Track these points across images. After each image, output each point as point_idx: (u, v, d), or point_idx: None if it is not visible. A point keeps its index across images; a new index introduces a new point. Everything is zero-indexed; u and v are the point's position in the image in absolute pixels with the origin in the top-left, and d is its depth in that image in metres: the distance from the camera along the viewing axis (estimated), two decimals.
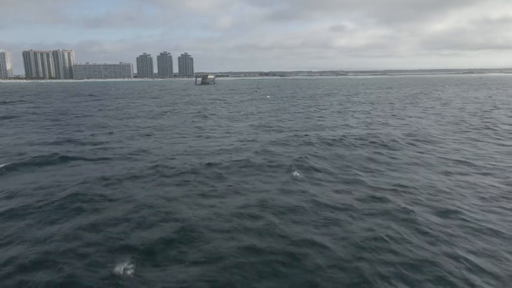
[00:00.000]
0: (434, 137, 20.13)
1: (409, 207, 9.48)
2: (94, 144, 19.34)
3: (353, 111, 35.29)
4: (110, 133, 23.00)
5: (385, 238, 7.78)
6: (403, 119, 28.62)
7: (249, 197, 10.44)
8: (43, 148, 18.76)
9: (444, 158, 15.16)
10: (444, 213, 9.23)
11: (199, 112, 35.90)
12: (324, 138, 19.75)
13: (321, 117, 30.82)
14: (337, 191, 10.94)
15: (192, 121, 29.10)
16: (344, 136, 20.42)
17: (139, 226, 8.49)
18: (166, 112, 36.83)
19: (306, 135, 20.94)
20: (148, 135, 22.32)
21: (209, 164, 14.02)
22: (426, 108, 37.92)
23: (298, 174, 12.62)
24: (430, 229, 8.25)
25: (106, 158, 15.59)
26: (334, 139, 19.40)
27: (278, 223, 8.63)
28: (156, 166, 13.90)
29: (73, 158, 15.53)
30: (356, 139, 19.55)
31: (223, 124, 26.77)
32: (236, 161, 14.59)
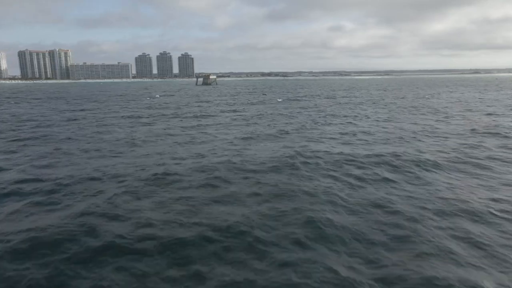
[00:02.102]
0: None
1: None
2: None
3: (399, 120, 26.47)
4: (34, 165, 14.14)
5: None
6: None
7: None
8: None
9: None
10: None
11: (197, 118, 27.22)
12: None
13: (366, 129, 22.02)
14: None
15: (182, 143, 20.35)
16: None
17: None
18: (149, 123, 28.14)
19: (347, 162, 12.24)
20: (95, 155, 13.62)
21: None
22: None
23: None
24: None
25: None
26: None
27: None
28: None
29: None
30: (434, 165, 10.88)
31: (227, 137, 18.07)
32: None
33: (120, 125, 25.97)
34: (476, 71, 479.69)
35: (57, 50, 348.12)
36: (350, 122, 26.63)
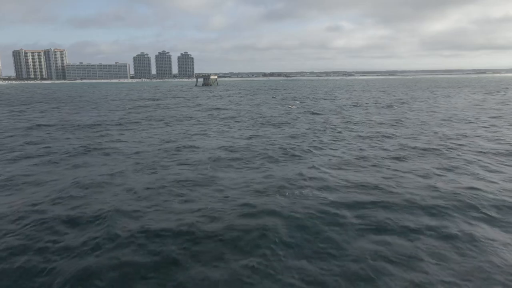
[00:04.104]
0: None
1: None
2: None
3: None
4: None
5: None
6: None
7: None
8: None
9: None
10: None
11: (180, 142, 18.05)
12: None
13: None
14: None
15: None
16: None
17: None
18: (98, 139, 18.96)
19: None
20: None
21: None
22: None
23: None
24: None
25: None
26: None
27: None
28: None
29: None
30: None
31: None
32: None
33: (55, 142, 16.66)
34: (481, 71, 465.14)
35: (52, 49, 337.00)
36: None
